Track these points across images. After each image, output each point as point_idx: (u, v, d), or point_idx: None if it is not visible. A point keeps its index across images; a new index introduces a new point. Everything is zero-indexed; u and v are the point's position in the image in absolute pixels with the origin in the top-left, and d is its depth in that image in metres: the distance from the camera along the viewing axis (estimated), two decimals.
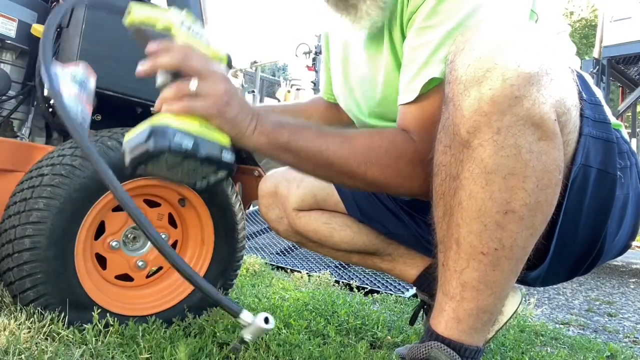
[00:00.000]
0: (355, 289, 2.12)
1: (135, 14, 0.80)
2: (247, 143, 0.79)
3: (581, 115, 0.78)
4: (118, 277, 1.23)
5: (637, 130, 5.96)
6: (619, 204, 0.85)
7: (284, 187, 1.22)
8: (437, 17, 0.81)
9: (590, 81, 1.01)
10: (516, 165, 0.68)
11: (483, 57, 0.68)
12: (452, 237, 0.74)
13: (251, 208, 3.71)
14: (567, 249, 0.85)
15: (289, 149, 0.80)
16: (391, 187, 0.86)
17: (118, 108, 1.25)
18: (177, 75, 0.76)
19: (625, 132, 0.97)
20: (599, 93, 1.00)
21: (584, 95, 0.80)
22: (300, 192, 1.19)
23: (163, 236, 1.28)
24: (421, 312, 1.25)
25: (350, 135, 0.85)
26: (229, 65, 0.85)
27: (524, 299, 1.77)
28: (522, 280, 0.94)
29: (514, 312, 1.08)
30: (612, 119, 0.96)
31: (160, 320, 1.19)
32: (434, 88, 0.81)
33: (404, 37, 0.90)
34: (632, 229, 0.93)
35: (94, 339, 1.04)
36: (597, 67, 4.93)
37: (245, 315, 0.75)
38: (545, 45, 0.71)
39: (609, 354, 1.50)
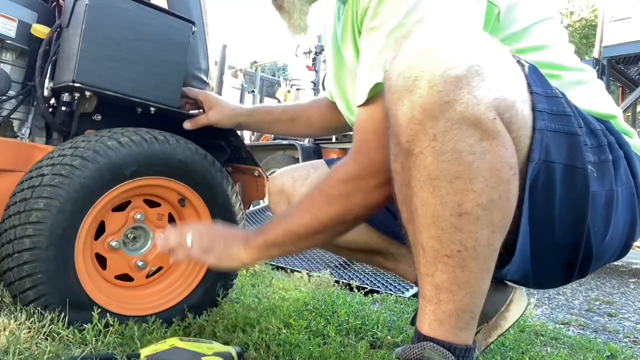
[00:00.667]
0: (355, 289, 2.12)
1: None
2: (245, 262, 0.95)
3: (533, 109, 0.76)
4: (118, 277, 1.23)
5: (638, 130, 5.96)
6: (600, 201, 0.82)
7: (290, 185, 1.24)
8: (379, 18, 0.83)
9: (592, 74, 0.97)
10: (459, 168, 0.68)
11: (410, 66, 0.69)
12: (418, 242, 0.75)
13: (251, 208, 3.71)
14: (547, 248, 0.83)
15: (272, 246, 0.93)
16: (352, 211, 0.89)
17: (118, 108, 1.25)
18: None
19: (620, 123, 0.92)
20: (600, 85, 0.96)
21: (536, 88, 0.77)
22: (304, 190, 1.20)
23: (163, 236, 1.28)
24: None
25: (300, 200, 0.94)
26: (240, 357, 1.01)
27: (529, 307, 1.77)
28: (512, 281, 0.94)
29: (518, 319, 1.07)
30: (609, 110, 0.91)
31: (160, 320, 1.19)
32: (380, 92, 0.82)
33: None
34: (628, 228, 0.89)
35: (94, 339, 1.04)
36: (597, 67, 4.92)
37: None
38: (475, 45, 0.70)
39: (609, 354, 1.50)
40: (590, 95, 0.91)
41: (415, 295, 2.09)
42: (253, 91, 9.58)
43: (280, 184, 1.27)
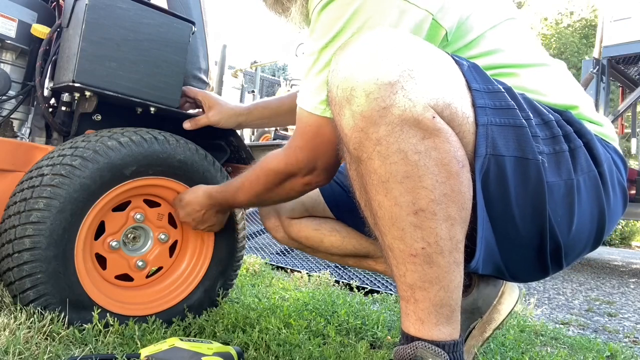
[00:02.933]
0: (355, 289, 2.12)
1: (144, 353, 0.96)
2: (210, 222, 1.21)
3: (474, 105, 0.76)
4: (118, 277, 1.23)
5: (637, 130, 5.94)
6: (559, 191, 0.81)
7: None
8: (315, 34, 0.87)
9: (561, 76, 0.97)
10: (407, 168, 0.70)
11: (346, 78, 0.71)
12: (385, 245, 0.76)
13: (251, 208, 3.71)
14: (513, 240, 0.83)
15: (222, 204, 1.17)
16: (271, 196, 1.05)
17: (118, 108, 1.25)
18: None
19: (583, 113, 0.91)
20: (564, 77, 0.96)
21: (475, 85, 0.78)
22: (292, 201, 1.21)
23: (162, 236, 1.28)
24: None
25: (245, 179, 1.08)
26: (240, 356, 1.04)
27: (522, 298, 1.77)
28: (489, 274, 0.95)
29: (511, 311, 1.08)
30: (569, 101, 0.91)
31: (160, 320, 1.19)
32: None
33: None
34: (597, 217, 0.87)
35: (94, 339, 1.04)
36: (597, 67, 4.92)
37: None
38: (407, 50, 0.72)
39: (609, 354, 1.50)
40: (550, 88, 0.92)
41: None
42: (253, 91, 9.59)
43: None
